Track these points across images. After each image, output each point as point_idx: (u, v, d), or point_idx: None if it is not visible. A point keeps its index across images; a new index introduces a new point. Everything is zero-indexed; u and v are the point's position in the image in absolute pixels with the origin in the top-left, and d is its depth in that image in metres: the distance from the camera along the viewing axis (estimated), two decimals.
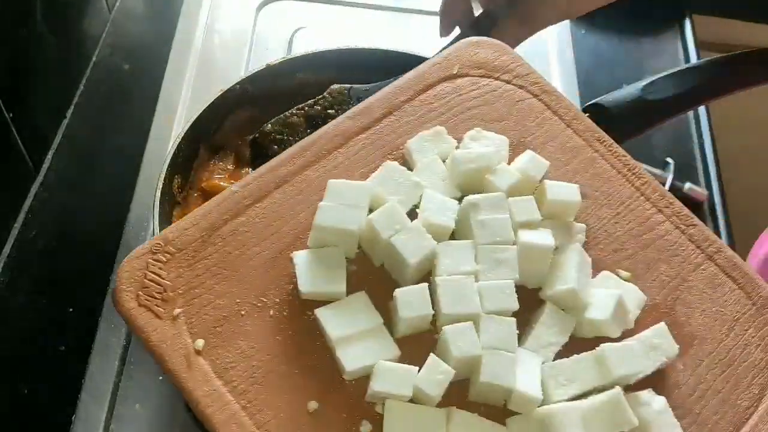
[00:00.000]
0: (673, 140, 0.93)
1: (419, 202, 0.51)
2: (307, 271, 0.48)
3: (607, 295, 0.49)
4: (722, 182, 0.92)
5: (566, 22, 1.01)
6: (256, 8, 0.97)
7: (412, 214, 0.51)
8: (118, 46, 0.90)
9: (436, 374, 0.45)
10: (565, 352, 0.48)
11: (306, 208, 0.52)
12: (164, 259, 0.48)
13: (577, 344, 0.49)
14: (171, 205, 0.70)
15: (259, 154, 0.76)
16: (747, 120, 1.14)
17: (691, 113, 0.93)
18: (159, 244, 0.49)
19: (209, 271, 0.49)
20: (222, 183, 0.73)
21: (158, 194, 0.66)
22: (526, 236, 0.50)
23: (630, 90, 0.78)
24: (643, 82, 0.77)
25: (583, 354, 0.47)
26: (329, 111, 0.75)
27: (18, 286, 0.70)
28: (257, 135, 0.76)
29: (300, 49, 0.88)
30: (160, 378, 0.66)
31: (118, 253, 0.73)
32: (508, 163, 0.55)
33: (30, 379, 0.66)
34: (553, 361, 0.48)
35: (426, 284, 0.48)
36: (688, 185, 0.89)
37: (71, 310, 0.70)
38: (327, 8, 0.99)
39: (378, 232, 0.48)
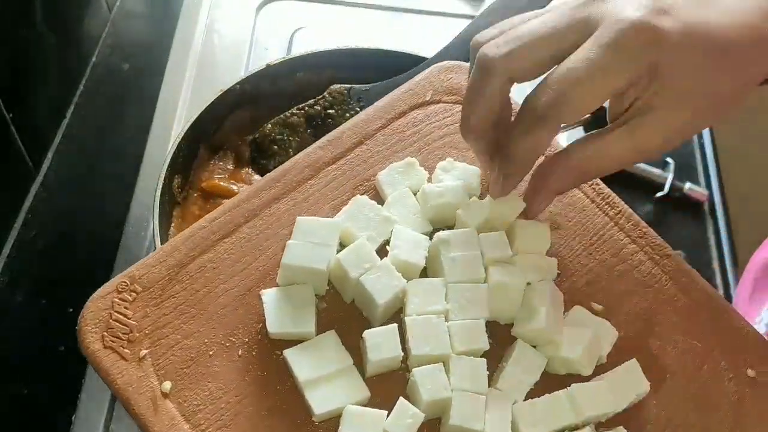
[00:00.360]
0: None
1: (389, 238, 0.51)
2: (276, 311, 0.47)
3: (579, 333, 0.48)
4: (722, 182, 0.92)
5: None
6: (256, 8, 0.97)
7: (383, 250, 0.50)
8: (118, 46, 0.90)
9: (405, 418, 0.45)
10: (537, 390, 0.48)
11: (275, 243, 0.50)
12: (130, 299, 0.47)
13: (549, 381, 0.48)
14: (171, 205, 0.70)
15: (259, 154, 0.76)
16: (747, 120, 1.14)
17: None
18: (125, 282, 0.48)
19: (177, 310, 0.48)
20: (222, 183, 0.73)
21: (158, 194, 0.66)
22: (497, 274, 0.49)
23: None
24: None
25: (555, 393, 0.47)
26: (329, 111, 0.75)
27: (18, 286, 0.70)
28: (257, 135, 0.76)
29: (300, 49, 0.88)
30: None
31: (118, 254, 0.73)
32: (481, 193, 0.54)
33: (30, 379, 0.66)
34: (525, 399, 0.47)
35: (395, 325, 0.47)
36: (688, 185, 0.89)
37: (71, 310, 0.70)
38: (327, 8, 0.99)
39: (347, 270, 0.48)
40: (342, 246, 0.50)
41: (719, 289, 0.86)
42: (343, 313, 0.49)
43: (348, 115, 0.75)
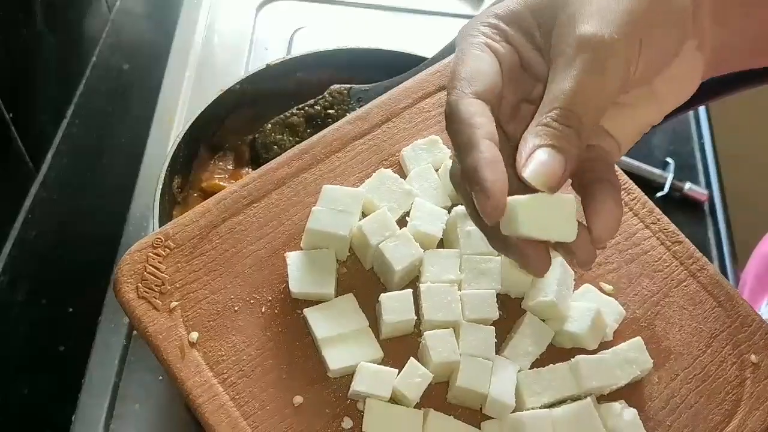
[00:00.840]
0: (673, 140, 0.93)
1: (410, 210, 0.53)
2: (299, 272, 0.49)
3: (586, 309, 0.50)
4: (722, 182, 0.92)
5: None
6: (256, 8, 0.97)
7: (403, 222, 0.52)
8: (118, 46, 0.90)
9: (414, 377, 0.47)
10: (543, 360, 0.49)
11: (301, 210, 0.53)
12: (164, 254, 0.50)
13: (555, 353, 0.50)
14: (171, 205, 0.70)
15: (259, 154, 0.76)
16: (747, 120, 1.14)
17: (691, 113, 0.93)
18: (159, 238, 0.50)
19: (206, 267, 0.50)
20: (222, 183, 0.73)
21: (158, 194, 0.66)
22: None
23: None
24: None
25: (558, 364, 0.49)
26: (329, 111, 0.75)
27: (18, 286, 0.70)
28: (257, 135, 0.76)
29: (300, 49, 0.88)
30: (160, 378, 0.66)
31: (118, 253, 0.73)
32: None
33: (30, 379, 0.66)
34: (530, 369, 0.49)
35: (410, 290, 0.49)
36: (688, 185, 0.89)
37: (71, 310, 0.70)
38: (327, 8, 0.99)
39: (367, 237, 0.50)
40: (364, 215, 0.52)
41: None
42: (362, 278, 0.52)
43: (348, 115, 0.75)
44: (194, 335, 0.48)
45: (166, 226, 0.51)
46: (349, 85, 0.76)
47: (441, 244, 0.52)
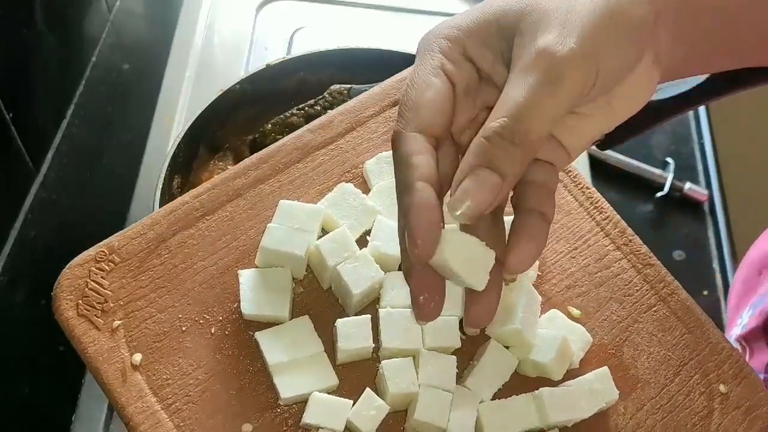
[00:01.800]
0: (673, 140, 0.93)
1: (371, 228, 0.50)
2: (251, 293, 0.47)
3: (552, 337, 0.48)
4: (722, 182, 0.92)
5: None
6: (256, 8, 0.97)
7: (364, 240, 0.50)
8: (118, 46, 0.90)
9: (369, 410, 0.45)
10: (506, 390, 0.47)
11: (257, 225, 0.50)
12: (107, 268, 0.47)
13: (518, 382, 0.48)
14: None
15: None
16: (747, 120, 1.14)
17: (691, 113, 0.94)
18: (103, 251, 0.47)
19: (153, 284, 0.47)
20: None
21: (158, 194, 0.66)
22: None
23: None
24: None
25: (522, 396, 0.47)
26: (329, 111, 0.75)
27: (18, 286, 0.70)
28: (257, 135, 0.76)
29: (300, 49, 0.89)
30: None
31: None
32: None
33: (30, 379, 0.66)
34: (492, 399, 0.47)
35: (368, 316, 0.47)
36: (688, 185, 0.90)
37: None
38: (327, 8, 0.99)
39: (325, 258, 0.47)
40: (324, 232, 0.49)
41: (719, 288, 0.86)
42: (319, 298, 0.49)
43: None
44: (137, 357, 0.45)
45: (111, 238, 0.48)
46: (349, 85, 0.76)
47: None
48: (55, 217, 0.75)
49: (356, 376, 0.47)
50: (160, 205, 0.65)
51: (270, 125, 0.75)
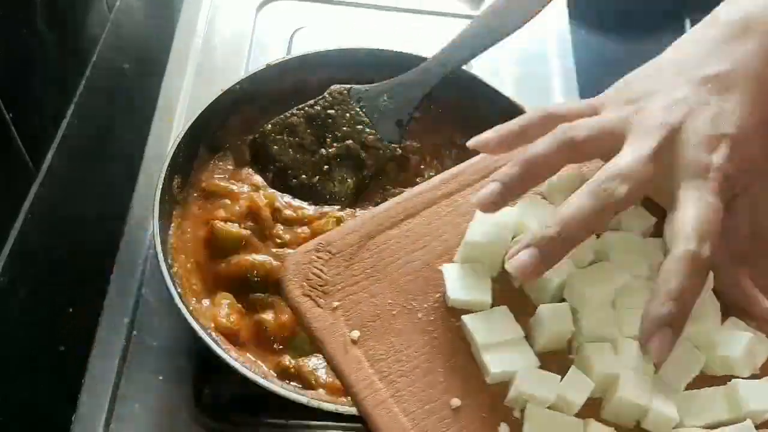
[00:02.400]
0: None
1: None
2: (456, 282, 0.51)
3: (739, 336, 0.50)
4: None
5: (566, 21, 1.01)
6: (256, 8, 0.97)
7: None
8: (118, 46, 0.90)
9: (577, 384, 0.47)
10: (694, 384, 0.49)
11: (451, 230, 0.55)
12: (325, 258, 0.53)
13: (705, 381, 0.50)
14: (171, 205, 0.70)
15: (258, 155, 0.76)
16: None
17: None
18: (322, 243, 0.53)
19: (364, 273, 0.53)
20: (222, 183, 0.73)
21: (158, 194, 0.66)
22: None
23: None
24: None
25: (715, 387, 0.49)
26: (329, 111, 0.75)
27: (18, 286, 0.70)
28: (257, 135, 0.76)
29: (300, 49, 0.88)
30: (161, 378, 0.66)
31: (118, 253, 0.73)
32: None
33: (30, 379, 0.66)
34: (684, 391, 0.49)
35: (567, 303, 0.50)
36: None
37: (71, 310, 0.70)
38: (327, 8, 0.99)
39: None
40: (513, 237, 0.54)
41: None
42: (513, 295, 0.53)
43: (348, 115, 0.75)
44: (355, 333, 0.50)
45: (328, 233, 0.54)
46: (349, 86, 0.76)
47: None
48: (55, 217, 0.75)
49: (552, 364, 0.50)
50: (160, 205, 0.66)
51: (270, 125, 0.75)
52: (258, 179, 0.74)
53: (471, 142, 0.54)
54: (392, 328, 0.51)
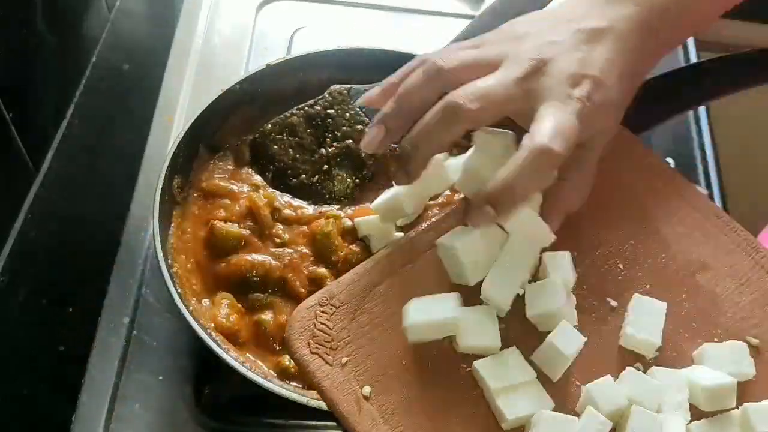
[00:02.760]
0: (673, 140, 0.93)
1: None
2: (465, 326, 0.51)
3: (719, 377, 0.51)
4: (722, 182, 0.92)
5: None
6: (256, 8, 0.97)
7: None
8: (118, 46, 0.90)
9: (595, 424, 0.47)
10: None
11: None
12: (330, 311, 0.52)
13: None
14: (171, 205, 0.70)
15: (258, 154, 0.76)
16: (747, 120, 1.14)
17: (691, 113, 0.93)
18: (325, 296, 0.53)
19: (371, 324, 0.52)
20: (222, 183, 0.73)
21: (158, 194, 0.66)
22: None
23: None
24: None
25: (726, 412, 0.49)
26: (329, 111, 0.75)
27: (18, 286, 0.70)
28: (257, 135, 0.76)
29: (300, 49, 0.88)
30: (160, 378, 0.66)
31: (118, 253, 0.73)
32: None
33: (30, 379, 0.66)
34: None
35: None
36: None
37: (71, 310, 0.70)
38: (327, 8, 0.99)
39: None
40: None
41: None
42: (521, 330, 0.53)
43: (348, 115, 0.75)
44: (367, 389, 0.49)
45: (330, 286, 0.53)
46: (349, 85, 0.76)
47: None
48: (55, 217, 0.75)
49: (561, 402, 0.50)
50: (160, 205, 0.66)
51: (270, 125, 0.75)
52: (258, 179, 0.74)
53: (359, 101, 0.61)
54: (404, 379, 0.50)
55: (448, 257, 0.54)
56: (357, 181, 0.74)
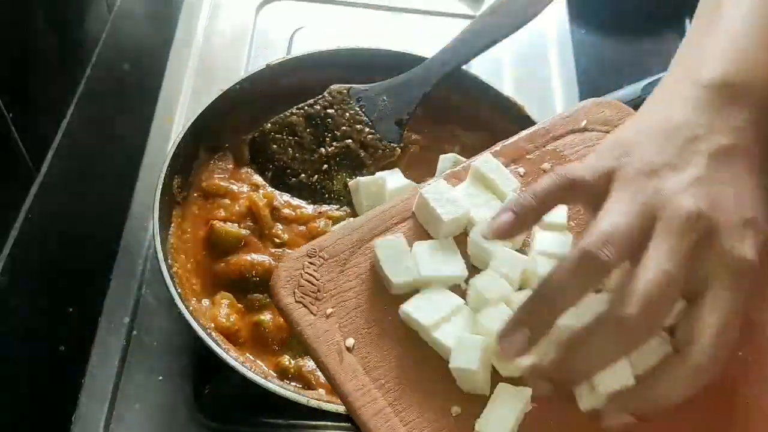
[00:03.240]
0: None
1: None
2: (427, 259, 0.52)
3: None
4: None
5: (566, 21, 1.01)
6: (256, 8, 0.97)
7: None
8: (118, 46, 0.90)
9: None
10: None
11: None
12: (318, 263, 0.52)
13: None
14: (171, 205, 0.70)
15: (258, 154, 0.76)
16: None
17: None
18: (314, 249, 0.52)
19: (358, 278, 0.52)
20: (222, 183, 0.73)
21: (158, 194, 0.66)
22: None
23: (630, 90, 0.78)
24: (644, 82, 0.77)
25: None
26: (328, 111, 0.75)
27: (18, 286, 0.70)
28: (256, 134, 0.76)
29: (300, 49, 0.88)
30: (160, 378, 0.66)
31: (118, 253, 0.73)
32: None
33: (30, 379, 0.66)
34: None
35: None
36: None
37: (71, 310, 0.70)
38: (327, 8, 0.99)
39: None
40: None
41: None
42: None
43: (347, 114, 0.75)
44: (350, 341, 0.49)
45: (319, 239, 0.53)
46: (349, 85, 0.76)
47: None
48: (55, 217, 0.75)
49: None
50: (160, 205, 0.66)
51: (269, 124, 0.75)
52: (257, 178, 0.74)
53: (488, 235, 0.48)
54: (387, 334, 0.50)
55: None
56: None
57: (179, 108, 0.85)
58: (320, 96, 0.75)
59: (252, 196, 0.71)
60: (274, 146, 0.75)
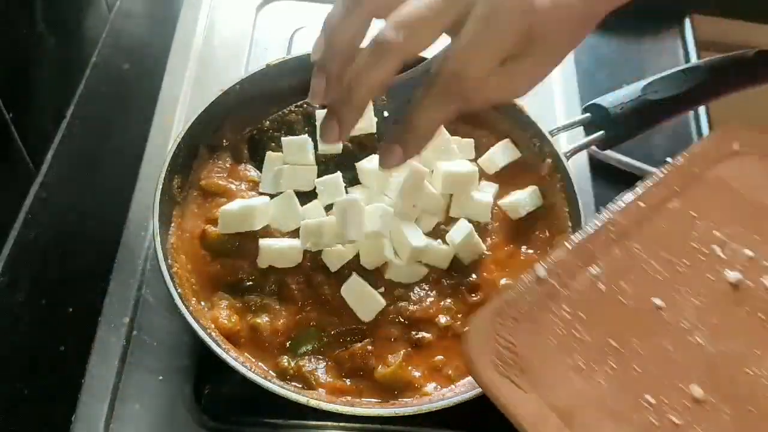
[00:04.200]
0: (673, 140, 0.93)
1: None
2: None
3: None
4: None
5: None
6: (256, 8, 0.97)
7: None
8: (118, 46, 0.90)
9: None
10: None
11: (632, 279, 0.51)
12: (511, 325, 0.47)
13: None
14: (171, 205, 0.70)
15: (256, 151, 0.76)
16: (747, 120, 1.14)
17: (691, 113, 0.93)
18: (503, 307, 0.47)
19: (559, 340, 0.47)
20: (220, 182, 0.73)
21: (158, 194, 0.66)
22: None
23: (630, 90, 0.78)
24: (644, 82, 0.77)
25: None
26: None
27: (18, 286, 0.70)
28: (255, 131, 0.76)
29: (300, 49, 0.88)
30: (160, 378, 0.66)
31: (118, 253, 0.73)
32: None
33: (30, 379, 0.66)
34: None
35: None
36: None
37: (71, 310, 0.70)
38: (327, 8, 0.98)
39: None
40: None
41: None
42: None
43: None
44: (562, 419, 0.44)
45: (506, 293, 0.48)
46: None
47: None
48: (55, 217, 0.75)
49: None
50: (160, 205, 0.66)
51: (268, 122, 0.76)
52: (255, 175, 0.74)
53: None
54: (605, 405, 0.44)
55: None
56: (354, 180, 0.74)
57: (179, 108, 0.85)
58: None
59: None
60: (272, 144, 0.75)
